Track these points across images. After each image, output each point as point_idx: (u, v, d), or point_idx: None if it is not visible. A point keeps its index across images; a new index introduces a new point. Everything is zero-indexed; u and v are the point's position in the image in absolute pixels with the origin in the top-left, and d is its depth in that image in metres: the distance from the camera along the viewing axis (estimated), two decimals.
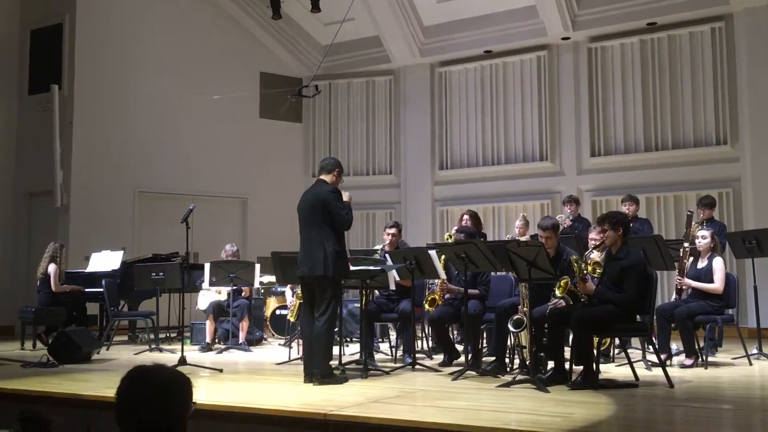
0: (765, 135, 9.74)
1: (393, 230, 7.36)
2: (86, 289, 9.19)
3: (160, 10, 11.89)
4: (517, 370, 5.89)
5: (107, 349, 8.30)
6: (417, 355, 6.62)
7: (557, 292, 5.67)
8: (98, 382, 5.78)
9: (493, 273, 6.76)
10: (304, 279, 5.77)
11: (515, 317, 5.72)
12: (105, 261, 9.47)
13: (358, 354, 6.60)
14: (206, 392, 5.20)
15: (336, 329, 6.03)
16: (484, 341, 7.05)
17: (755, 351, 6.90)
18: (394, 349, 7.38)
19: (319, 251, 5.62)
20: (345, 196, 5.85)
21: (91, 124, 11.15)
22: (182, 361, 6.36)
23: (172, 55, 11.86)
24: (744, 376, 6.05)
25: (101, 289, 8.74)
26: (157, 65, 11.73)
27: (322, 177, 5.94)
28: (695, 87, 10.36)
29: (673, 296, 6.97)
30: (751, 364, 6.56)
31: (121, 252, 9.57)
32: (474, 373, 5.84)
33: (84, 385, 5.62)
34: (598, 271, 5.87)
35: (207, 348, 8.29)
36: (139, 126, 11.47)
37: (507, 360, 6.20)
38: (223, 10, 12.47)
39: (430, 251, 6.51)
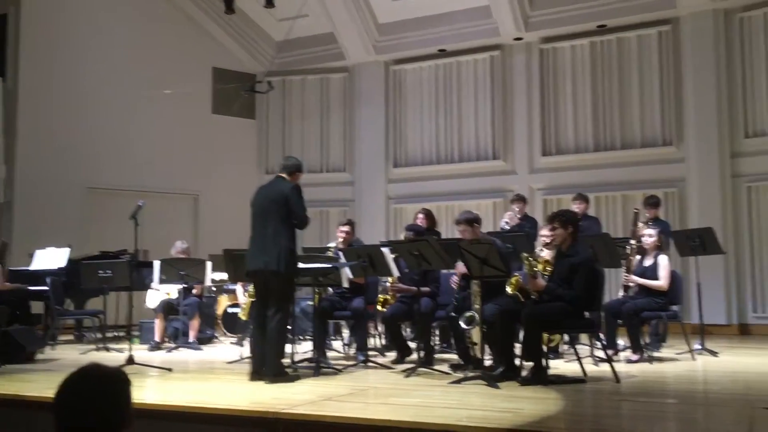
0: (709, 137, 10.02)
1: (346, 228, 7.35)
2: (30, 287, 8.92)
3: (110, 2, 11.61)
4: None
5: (52, 349, 8.08)
6: (370, 353, 6.62)
7: (508, 289, 5.73)
8: (41, 382, 5.61)
9: (444, 270, 6.79)
10: (258, 273, 5.70)
11: (467, 314, 5.76)
12: (50, 258, 9.20)
13: (311, 352, 6.57)
14: (155, 392, 5.11)
15: (288, 327, 5.99)
16: (437, 338, 7.09)
17: (698, 346, 7.10)
18: (346, 347, 7.37)
19: (275, 247, 5.57)
20: None
21: (36, 118, 10.84)
22: (130, 360, 6.22)
23: (122, 49, 11.60)
24: (688, 371, 6.22)
25: (46, 287, 8.50)
26: (107, 59, 11.45)
27: (282, 175, 5.90)
28: (643, 89, 10.60)
29: (620, 293, 7.12)
30: (694, 359, 6.76)
31: (67, 249, 9.31)
32: (426, 369, 5.86)
33: (26, 385, 5.46)
34: (548, 269, 5.95)
35: (156, 347, 8.15)
36: (87, 120, 11.19)
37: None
38: (175, 4, 12.25)
39: (383, 249, 6.52)
